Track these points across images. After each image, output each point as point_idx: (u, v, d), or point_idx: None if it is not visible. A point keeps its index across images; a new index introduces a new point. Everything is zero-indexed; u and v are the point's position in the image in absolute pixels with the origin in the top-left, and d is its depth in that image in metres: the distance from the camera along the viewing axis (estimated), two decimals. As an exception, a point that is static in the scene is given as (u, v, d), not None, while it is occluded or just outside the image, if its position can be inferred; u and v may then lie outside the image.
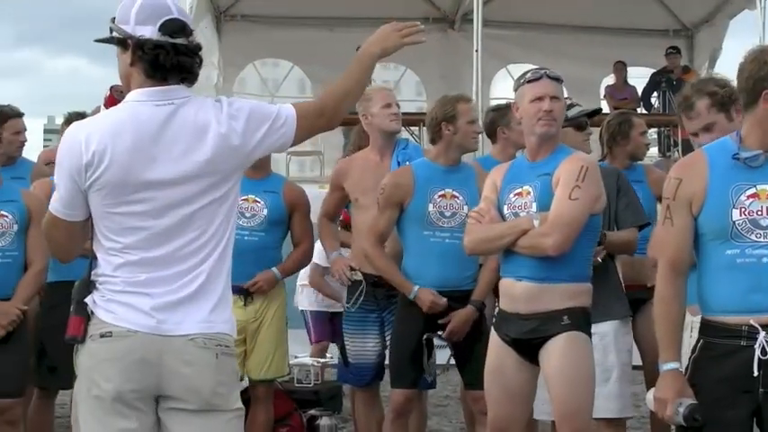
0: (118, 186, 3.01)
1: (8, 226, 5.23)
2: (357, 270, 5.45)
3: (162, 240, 3.04)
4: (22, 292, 5.21)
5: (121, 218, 3.04)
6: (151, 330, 2.99)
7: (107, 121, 3.08)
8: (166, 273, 3.04)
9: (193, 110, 3.07)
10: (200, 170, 3.03)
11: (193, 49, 3.08)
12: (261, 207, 5.55)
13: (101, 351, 3.02)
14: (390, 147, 5.56)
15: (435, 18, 14.08)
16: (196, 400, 3.01)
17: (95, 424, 3.05)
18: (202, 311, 3.04)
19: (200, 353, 3.01)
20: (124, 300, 3.03)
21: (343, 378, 5.88)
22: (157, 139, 3.02)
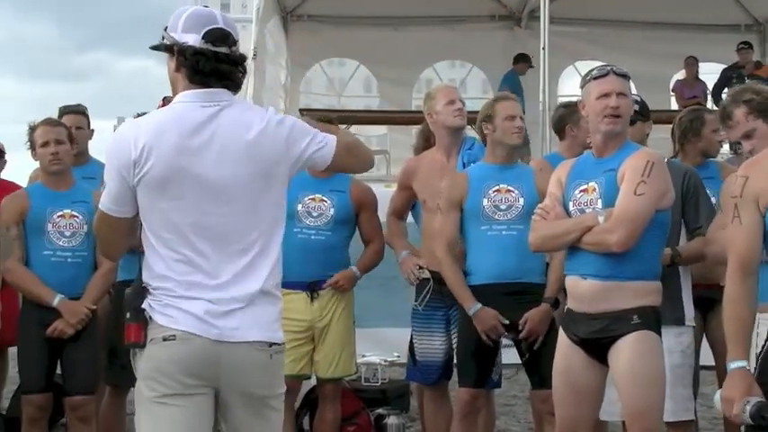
0: (164, 182, 3.11)
1: (78, 226, 5.32)
2: (425, 269, 5.46)
3: (211, 240, 3.14)
4: (91, 292, 5.30)
5: (169, 215, 3.13)
6: (210, 336, 3.11)
7: (153, 120, 3.21)
8: (220, 273, 3.14)
9: (238, 110, 3.21)
10: (245, 165, 3.15)
11: (235, 58, 3.21)
12: (327, 206, 5.56)
13: (163, 353, 3.13)
14: (456, 145, 5.55)
15: (501, 15, 14.01)
16: (250, 397, 3.18)
17: (162, 419, 3.16)
18: (257, 317, 3.17)
19: (257, 355, 3.17)
20: (180, 304, 3.13)
21: (410, 377, 5.87)
22: (202, 137, 3.13)
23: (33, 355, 5.29)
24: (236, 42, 3.22)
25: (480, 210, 5.08)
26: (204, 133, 3.14)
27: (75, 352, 5.27)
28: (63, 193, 5.36)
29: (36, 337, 5.24)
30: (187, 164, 3.11)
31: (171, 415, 3.14)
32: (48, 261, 5.27)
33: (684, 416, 4.86)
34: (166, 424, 3.15)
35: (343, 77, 16.41)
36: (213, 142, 3.13)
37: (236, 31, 3.25)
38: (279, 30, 13.27)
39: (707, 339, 5.29)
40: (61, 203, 5.32)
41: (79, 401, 5.29)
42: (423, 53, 14.09)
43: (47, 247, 5.28)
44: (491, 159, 5.20)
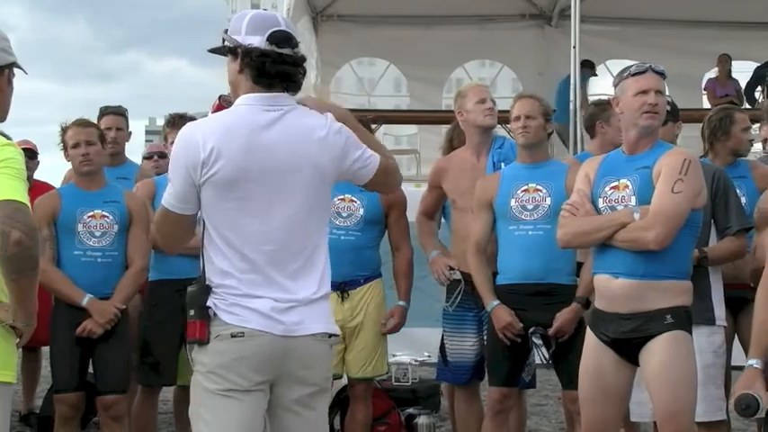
0: (230, 183, 3.21)
1: (109, 226, 5.35)
2: (456, 269, 5.46)
3: (273, 240, 3.25)
4: (120, 292, 5.33)
5: (233, 214, 3.24)
6: (277, 332, 3.23)
7: (222, 122, 3.30)
8: (281, 272, 3.26)
9: (300, 115, 3.31)
10: (306, 170, 3.26)
11: (297, 59, 3.31)
12: (357, 206, 5.57)
13: (231, 350, 3.22)
14: (486, 144, 5.55)
15: (532, 14, 13.97)
16: (311, 386, 3.32)
17: (225, 412, 3.24)
18: (318, 312, 3.31)
19: (320, 346, 3.31)
20: (246, 303, 3.24)
21: (441, 377, 5.87)
22: (268, 140, 3.24)
23: (65, 355, 5.34)
24: (297, 44, 3.32)
25: (508, 210, 5.08)
26: (270, 136, 3.25)
27: (106, 351, 5.31)
28: (94, 193, 5.40)
29: (67, 336, 5.28)
30: (254, 166, 3.22)
31: (235, 410, 3.24)
32: (78, 261, 5.31)
33: (716, 416, 4.84)
34: (229, 418, 3.25)
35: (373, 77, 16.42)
36: (279, 145, 3.25)
37: (296, 33, 3.34)
38: (309, 30, 13.30)
39: (738, 339, 5.25)
40: (92, 203, 5.35)
41: (111, 400, 5.32)
42: (453, 53, 14.07)
43: (77, 247, 5.32)
44: (521, 158, 5.21)
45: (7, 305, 3.18)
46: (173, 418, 6.49)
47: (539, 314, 4.97)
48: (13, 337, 3.25)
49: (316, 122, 3.33)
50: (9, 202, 3.01)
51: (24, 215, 3.02)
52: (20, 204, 3.03)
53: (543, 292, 4.99)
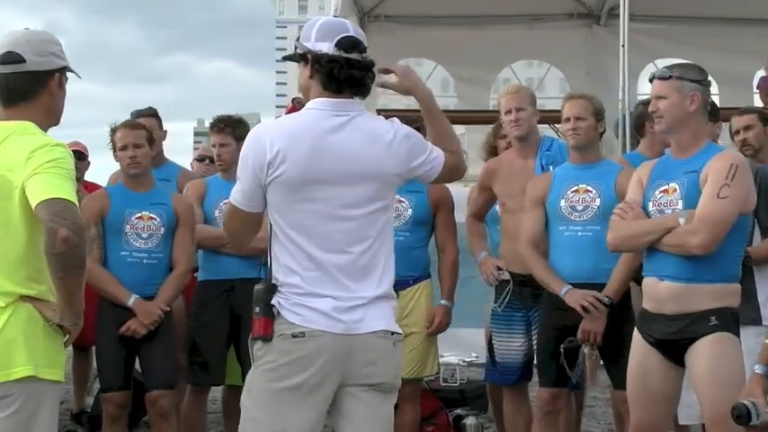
0: (296, 185, 3.29)
1: (156, 228, 5.39)
2: (504, 270, 5.44)
3: (337, 241, 3.32)
4: (164, 293, 5.38)
5: (299, 215, 3.32)
6: (337, 330, 3.29)
7: (289, 125, 3.41)
8: (344, 272, 3.33)
9: (367, 120, 3.40)
10: (372, 173, 3.34)
11: (366, 64, 3.40)
12: (405, 207, 5.57)
13: (293, 350, 3.28)
14: (529, 148, 5.52)
15: (580, 14, 13.86)
16: (373, 386, 3.36)
17: (274, 414, 3.31)
18: (379, 311, 3.38)
19: (382, 342, 3.36)
20: (308, 302, 3.30)
21: (489, 377, 5.85)
22: (334, 144, 3.31)
23: (110, 354, 5.39)
24: (365, 49, 3.39)
25: (558, 210, 5.06)
26: (336, 140, 3.31)
27: (151, 349, 5.36)
28: (142, 194, 5.44)
29: (112, 336, 5.33)
30: (319, 169, 3.29)
31: (290, 411, 3.29)
32: (124, 261, 5.36)
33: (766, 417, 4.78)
34: (282, 418, 3.30)
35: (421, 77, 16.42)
36: (344, 149, 3.31)
37: (365, 39, 3.43)
38: (356, 30, 13.30)
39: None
40: (140, 205, 5.40)
41: (158, 396, 5.36)
42: (500, 53, 14.00)
43: (124, 248, 5.36)
44: (572, 159, 5.19)
45: (54, 304, 3.21)
46: (221, 418, 6.52)
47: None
48: (61, 336, 3.29)
49: (382, 127, 3.42)
50: (57, 201, 3.05)
51: (72, 213, 3.05)
52: (67, 203, 3.06)
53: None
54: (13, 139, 3.21)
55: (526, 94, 5.50)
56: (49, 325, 3.23)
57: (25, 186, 3.11)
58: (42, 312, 3.22)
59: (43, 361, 3.21)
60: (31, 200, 3.09)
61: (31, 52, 3.31)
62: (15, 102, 3.32)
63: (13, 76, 3.30)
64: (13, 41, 3.33)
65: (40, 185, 3.09)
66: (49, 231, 3.01)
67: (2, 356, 3.16)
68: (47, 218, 3.02)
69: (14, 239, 3.19)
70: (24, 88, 3.31)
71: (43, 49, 3.34)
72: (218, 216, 5.71)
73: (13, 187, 3.14)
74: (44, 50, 3.34)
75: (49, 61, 3.33)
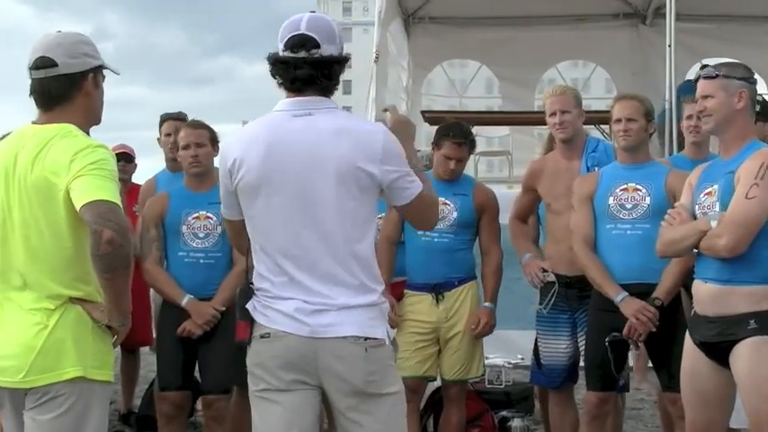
0: (254, 188, 3.27)
1: (212, 228, 5.40)
2: (549, 272, 5.42)
3: (301, 243, 3.26)
4: (222, 293, 5.37)
5: (262, 220, 3.30)
6: (302, 333, 3.25)
7: (247, 131, 3.40)
8: (310, 275, 3.27)
9: (333, 117, 3.30)
10: (331, 167, 3.23)
11: (312, 61, 3.27)
12: (450, 209, 5.56)
13: (262, 350, 3.31)
14: (574, 149, 5.49)
15: (626, 14, 13.78)
16: (351, 392, 3.27)
17: (265, 414, 3.35)
18: (355, 315, 3.27)
19: (350, 348, 3.25)
20: (275, 305, 3.30)
21: (535, 379, 5.83)
22: (291, 145, 3.25)
23: (169, 354, 5.41)
24: (317, 45, 3.27)
25: (606, 208, 5.02)
26: (291, 140, 3.26)
27: (208, 351, 5.37)
28: (201, 194, 5.44)
29: (171, 336, 5.35)
30: (275, 173, 3.25)
31: (270, 409, 3.32)
32: (181, 262, 5.38)
33: None
34: (267, 417, 3.33)
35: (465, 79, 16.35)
36: (299, 149, 3.25)
37: (327, 33, 3.30)
38: (401, 32, 13.30)
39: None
40: (198, 205, 5.41)
41: (212, 400, 5.39)
42: (545, 53, 13.95)
43: (181, 248, 5.38)
44: (621, 159, 5.16)
45: (102, 305, 3.24)
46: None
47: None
48: (109, 337, 3.32)
49: (354, 123, 3.35)
50: (100, 203, 3.07)
51: (116, 215, 3.07)
52: (111, 204, 3.09)
53: (643, 292, 4.91)
54: (56, 143, 3.23)
55: (571, 95, 5.47)
56: (97, 326, 3.26)
57: (69, 189, 3.14)
58: (91, 313, 3.26)
59: (92, 362, 3.24)
60: (76, 202, 3.12)
61: (63, 55, 3.33)
62: (53, 105, 3.35)
63: (48, 80, 3.34)
64: (46, 45, 3.36)
65: (83, 188, 3.12)
66: (93, 233, 3.04)
67: (52, 358, 3.20)
68: (91, 220, 3.05)
69: (61, 242, 3.23)
70: (60, 91, 3.34)
71: (75, 51, 3.36)
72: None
73: (58, 190, 3.17)
74: (76, 52, 3.36)
75: (81, 62, 3.36)
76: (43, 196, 3.20)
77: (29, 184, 3.23)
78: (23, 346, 3.21)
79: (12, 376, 3.23)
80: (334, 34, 3.33)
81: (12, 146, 3.33)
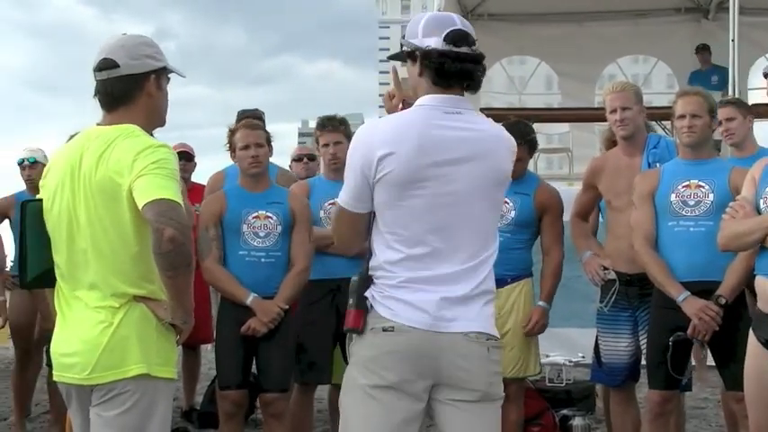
0: (404, 181, 3.20)
1: (273, 227, 5.44)
2: (610, 269, 5.38)
3: (440, 237, 3.22)
4: (284, 292, 5.40)
5: (405, 211, 3.23)
6: (428, 327, 3.17)
7: (398, 122, 3.29)
8: (443, 270, 3.21)
9: (480, 119, 3.31)
10: (478, 169, 3.23)
11: (476, 57, 3.27)
12: (509, 208, 5.54)
13: (383, 344, 3.19)
14: (635, 146, 5.43)
15: (688, 8, 13.66)
16: (472, 391, 3.19)
17: (367, 410, 3.21)
18: (475, 309, 3.23)
19: (474, 347, 3.20)
20: (401, 296, 3.20)
21: (595, 377, 5.79)
22: (443, 141, 3.21)
23: (229, 353, 5.44)
24: (475, 42, 3.27)
25: (668, 205, 4.97)
26: (445, 140, 3.22)
27: (269, 350, 5.40)
28: (259, 194, 5.49)
29: (232, 334, 5.38)
30: (427, 167, 3.20)
31: (382, 406, 3.18)
32: (242, 261, 5.40)
33: None
34: (376, 414, 3.19)
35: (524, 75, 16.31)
36: (453, 148, 3.22)
37: (473, 31, 3.31)
38: (460, 29, 13.29)
39: None
40: (257, 204, 5.45)
41: (272, 398, 5.42)
42: (606, 49, 13.87)
43: (242, 248, 5.41)
44: (683, 155, 5.09)
45: (166, 303, 3.28)
46: (327, 416, 6.58)
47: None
48: (173, 335, 3.35)
49: (504, 132, 3.38)
50: (162, 201, 3.10)
51: (177, 213, 3.10)
52: (172, 203, 3.11)
53: (707, 290, 4.85)
54: (119, 143, 3.27)
55: (632, 91, 5.42)
56: (161, 324, 3.30)
57: (132, 188, 3.18)
58: (155, 311, 3.29)
59: (156, 359, 3.28)
60: (138, 201, 3.15)
61: (125, 56, 3.37)
62: (116, 106, 3.39)
63: (110, 81, 3.38)
64: (108, 48, 3.40)
65: (145, 187, 3.15)
66: (155, 232, 3.07)
67: (116, 355, 3.24)
68: (153, 218, 3.08)
69: (126, 241, 3.27)
70: (122, 92, 3.38)
71: (137, 53, 3.39)
72: (324, 217, 5.75)
73: (122, 190, 3.21)
74: (138, 54, 3.39)
75: (142, 64, 3.38)
76: (108, 196, 3.25)
77: (94, 184, 3.27)
78: (89, 343, 3.26)
79: (78, 373, 3.29)
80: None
81: (77, 147, 3.38)
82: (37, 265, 3.49)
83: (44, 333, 6.38)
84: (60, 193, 3.36)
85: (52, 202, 3.39)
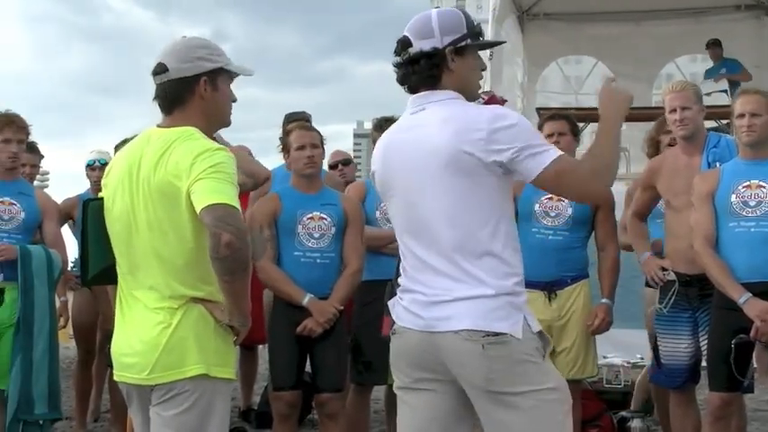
0: (383, 188, 3.34)
1: (327, 228, 5.47)
2: (669, 270, 5.33)
3: (419, 236, 3.21)
4: (338, 292, 5.43)
5: (393, 216, 3.35)
6: (418, 327, 3.18)
7: (387, 132, 3.40)
8: (429, 268, 3.19)
9: (439, 108, 3.21)
10: (437, 164, 3.13)
11: (406, 61, 3.27)
12: (565, 206, 5.50)
13: (393, 348, 3.31)
14: (695, 146, 5.38)
15: (748, 5, 13.46)
16: (479, 389, 3.13)
17: (400, 411, 3.31)
18: (470, 305, 3.10)
19: (465, 345, 3.09)
20: (401, 298, 3.28)
21: (655, 379, 5.73)
22: (405, 141, 3.25)
23: (283, 353, 5.47)
24: (407, 45, 3.26)
25: (728, 206, 4.92)
26: (406, 139, 3.25)
27: (324, 350, 5.42)
28: (313, 195, 5.54)
29: (286, 335, 5.41)
30: (393, 169, 3.28)
31: (402, 409, 3.29)
32: (298, 262, 5.44)
33: None
34: (401, 417, 3.31)
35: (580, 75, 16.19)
36: (408, 144, 3.24)
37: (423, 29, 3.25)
38: (515, 29, 13.24)
39: None
40: (311, 206, 5.49)
41: (328, 398, 5.44)
42: (663, 48, 13.72)
43: (297, 248, 5.45)
44: (743, 154, 5.05)
45: (223, 305, 3.30)
46: (384, 417, 6.59)
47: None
48: (231, 336, 3.37)
49: (459, 110, 3.18)
50: (219, 206, 3.12)
51: (234, 218, 3.11)
52: (230, 208, 3.12)
53: (767, 291, 4.79)
54: (178, 146, 3.29)
55: (691, 91, 5.37)
56: (219, 325, 3.32)
57: (190, 192, 3.19)
58: (212, 313, 3.31)
59: (215, 360, 3.30)
60: (196, 206, 3.16)
61: (176, 60, 3.40)
62: (171, 109, 3.42)
63: (164, 85, 3.41)
64: (163, 52, 3.44)
65: (202, 191, 3.16)
66: (212, 236, 3.09)
67: (175, 356, 3.26)
68: (210, 223, 3.10)
69: (184, 243, 3.29)
70: (175, 95, 3.41)
71: (188, 56, 3.41)
72: (380, 217, 5.77)
73: (181, 193, 3.23)
74: (189, 56, 3.41)
75: (193, 66, 3.40)
76: (166, 199, 3.27)
77: (152, 186, 3.30)
78: (148, 344, 3.29)
79: (137, 373, 3.32)
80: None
81: (136, 149, 3.41)
82: (97, 262, 3.54)
83: (105, 333, 6.47)
84: (120, 193, 3.39)
85: (113, 202, 3.42)
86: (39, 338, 5.53)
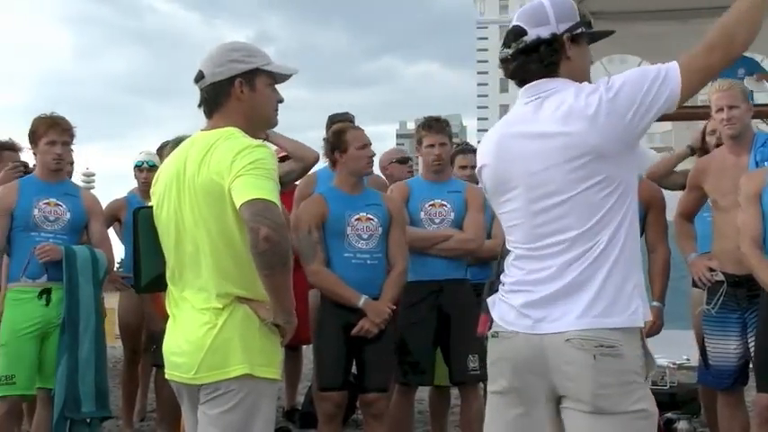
0: (493, 186, 3.13)
1: (374, 229, 5.49)
2: (717, 271, 5.27)
3: (535, 234, 3.00)
4: (389, 292, 5.45)
5: (504, 216, 3.13)
6: (527, 330, 2.97)
7: (498, 125, 3.21)
8: (539, 268, 2.98)
9: (559, 99, 3.01)
10: (564, 157, 2.93)
11: (523, 48, 3.09)
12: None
13: (493, 350, 3.10)
14: (743, 145, 5.33)
15: (795, 2, 13.32)
16: (580, 401, 2.90)
17: (493, 415, 3.11)
18: (578, 308, 2.90)
19: (577, 354, 2.88)
20: (506, 299, 3.06)
21: (703, 380, 5.68)
22: (521, 135, 3.04)
23: (332, 354, 5.47)
24: (521, 34, 3.10)
25: None
26: (522, 133, 3.04)
27: (371, 350, 5.43)
28: (357, 196, 5.55)
29: (335, 336, 5.43)
30: (507, 164, 3.06)
31: (496, 414, 3.09)
32: (349, 263, 5.45)
33: None
34: (494, 420, 3.11)
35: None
36: (530, 140, 3.01)
37: (537, 16, 3.12)
38: (559, 28, 13.18)
39: None
40: (357, 207, 5.50)
41: (373, 398, 5.45)
42: (709, 46, 13.60)
43: (347, 250, 5.46)
44: None
45: (268, 304, 3.31)
46: (428, 418, 6.58)
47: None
48: (277, 336, 3.38)
49: (580, 99, 2.97)
50: (257, 201, 3.14)
51: (272, 213, 3.13)
52: (267, 202, 3.14)
53: None
54: (219, 145, 3.33)
55: (738, 90, 5.31)
56: (264, 324, 3.33)
57: (231, 189, 3.23)
58: (257, 312, 3.33)
59: (260, 360, 3.31)
60: (236, 202, 3.20)
61: (211, 66, 3.45)
62: (212, 113, 3.47)
63: (203, 90, 3.47)
64: (203, 59, 3.51)
65: (242, 187, 3.19)
66: (251, 231, 3.11)
67: (220, 356, 3.28)
68: (248, 218, 3.13)
69: (230, 242, 3.31)
70: (213, 99, 3.46)
71: (222, 60, 3.45)
72: (424, 218, 5.76)
73: (224, 191, 3.26)
74: (222, 60, 3.45)
75: (226, 69, 3.43)
76: (211, 198, 3.30)
77: (197, 186, 3.33)
78: (194, 344, 3.32)
79: (185, 372, 3.35)
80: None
81: (182, 153, 3.46)
82: (150, 270, 3.59)
83: (150, 334, 6.52)
84: (167, 198, 3.43)
85: (161, 208, 3.47)
86: (84, 337, 5.59)
